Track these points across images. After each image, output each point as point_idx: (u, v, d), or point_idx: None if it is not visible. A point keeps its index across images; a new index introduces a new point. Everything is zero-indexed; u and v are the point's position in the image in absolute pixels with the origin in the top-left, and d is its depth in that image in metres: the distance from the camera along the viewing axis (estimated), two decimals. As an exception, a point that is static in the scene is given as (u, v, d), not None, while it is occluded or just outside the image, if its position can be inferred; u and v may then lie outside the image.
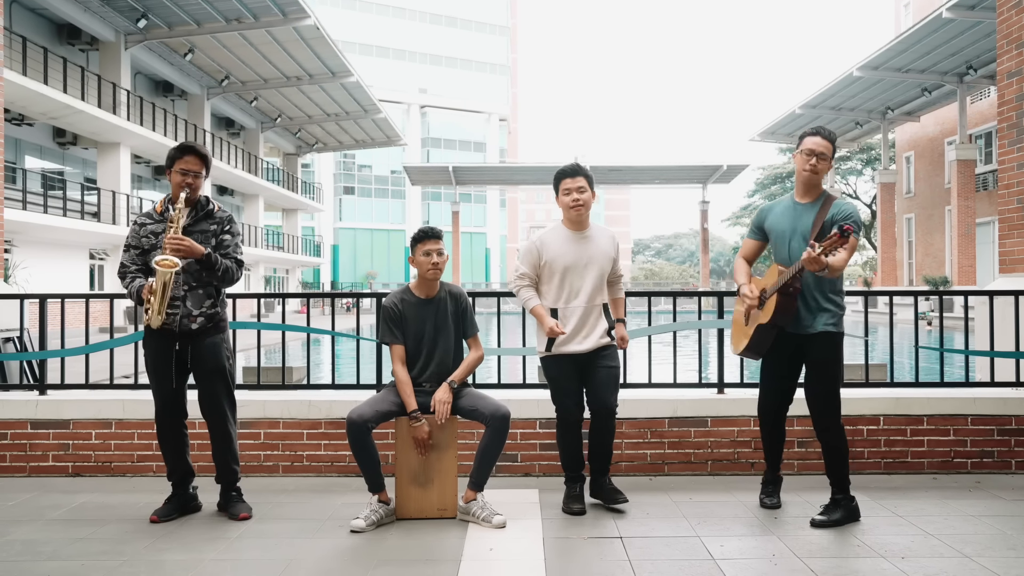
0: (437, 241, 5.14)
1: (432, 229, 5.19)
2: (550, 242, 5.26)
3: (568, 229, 5.31)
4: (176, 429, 5.18)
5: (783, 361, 5.13)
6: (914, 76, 36.36)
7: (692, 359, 6.82)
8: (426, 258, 5.11)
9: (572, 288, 5.20)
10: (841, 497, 4.95)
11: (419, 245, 5.14)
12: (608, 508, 5.21)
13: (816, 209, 4.96)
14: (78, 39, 31.08)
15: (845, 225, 4.41)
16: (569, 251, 5.21)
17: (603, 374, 5.20)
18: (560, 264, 5.19)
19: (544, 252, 5.24)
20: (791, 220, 5.01)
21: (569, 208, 5.25)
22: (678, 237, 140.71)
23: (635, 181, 56.75)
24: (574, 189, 5.24)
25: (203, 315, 5.03)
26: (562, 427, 5.28)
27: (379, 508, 4.93)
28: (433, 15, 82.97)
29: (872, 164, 60.19)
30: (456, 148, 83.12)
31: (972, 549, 4.41)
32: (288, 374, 7.00)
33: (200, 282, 5.03)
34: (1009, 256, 7.63)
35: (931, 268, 43.29)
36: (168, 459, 5.19)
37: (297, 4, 30.61)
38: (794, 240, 4.96)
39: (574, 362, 5.19)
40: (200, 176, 5.05)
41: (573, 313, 5.18)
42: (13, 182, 27.80)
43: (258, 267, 51.61)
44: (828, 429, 4.98)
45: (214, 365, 5.09)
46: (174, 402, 5.14)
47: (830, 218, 4.88)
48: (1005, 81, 7.66)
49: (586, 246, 5.24)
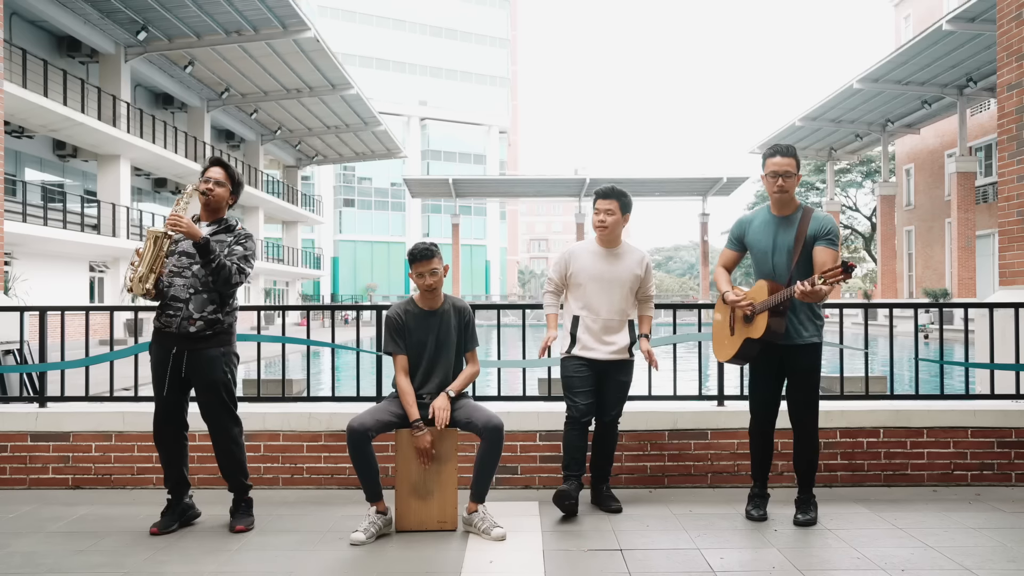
0: (428, 262, 5.12)
1: (423, 250, 5.14)
2: (579, 255, 5.58)
3: (598, 245, 5.58)
4: (172, 437, 5.16)
5: (771, 372, 5.22)
6: (914, 88, 36.39)
7: (692, 371, 6.82)
8: (420, 279, 5.16)
9: (595, 300, 5.47)
10: (811, 495, 5.23)
11: (412, 267, 5.17)
12: (605, 512, 5.39)
13: (796, 223, 5.08)
14: (78, 51, 31.13)
15: (850, 263, 4.54)
16: (594, 266, 5.50)
17: (615, 387, 5.50)
18: (584, 276, 5.49)
19: (572, 263, 5.56)
20: (771, 235, 5.12)
21: (594, 227, 5.56)
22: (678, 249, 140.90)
23: (635, 193, 55.97)
24: (603, 210, 5.50)
25: (203, 319, 5.02)
26: (569, 424, 5.46)
27: (378, 520, 4.92)
28: (433, 27, 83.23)
29: (872, 176, 60.24)
30: (456, 160, 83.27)
31: (972, 561, 4.40)
32: (288, 386, 7.00)
33: (205, 287, 5.04)
34: (1009, 268, 7.63)
35: (931, 280, 43.29)
36: (163, 464, 5.20)
37: (297, 17, 30.67)
38: (776, 256, 5.09)
39: (590, 366, 5.43)
40: (222, 185, 5.17)
41: (594, 323, 5.45)
42: (13, 194, 27.83)
43: (258, 279, 51.61)
44: (809, 434, 5.19)
45: (210, 378, 5.07)
46: (168, 410, 5.13)
47: (812, 234, 5.01)
48: (1005, 93, 7.68)
49: (612, 263, 5.51)
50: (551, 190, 60.16)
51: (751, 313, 5.00)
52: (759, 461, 5.35)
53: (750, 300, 5.03)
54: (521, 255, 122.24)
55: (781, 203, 5.12)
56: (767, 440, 5.33)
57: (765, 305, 4.92)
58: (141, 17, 29.63)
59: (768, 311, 4.92)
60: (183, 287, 5.01)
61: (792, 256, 4.99)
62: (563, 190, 58.29)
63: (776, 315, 4.94)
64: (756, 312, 4.97)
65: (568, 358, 5.50)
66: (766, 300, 4.93)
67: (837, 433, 6.07)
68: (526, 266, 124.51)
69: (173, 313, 5.00)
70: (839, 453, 6.09)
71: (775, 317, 4.93)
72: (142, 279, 4.89)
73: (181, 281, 5.02)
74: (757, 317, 4.98)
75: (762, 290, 5.00)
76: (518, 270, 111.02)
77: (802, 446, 5.21)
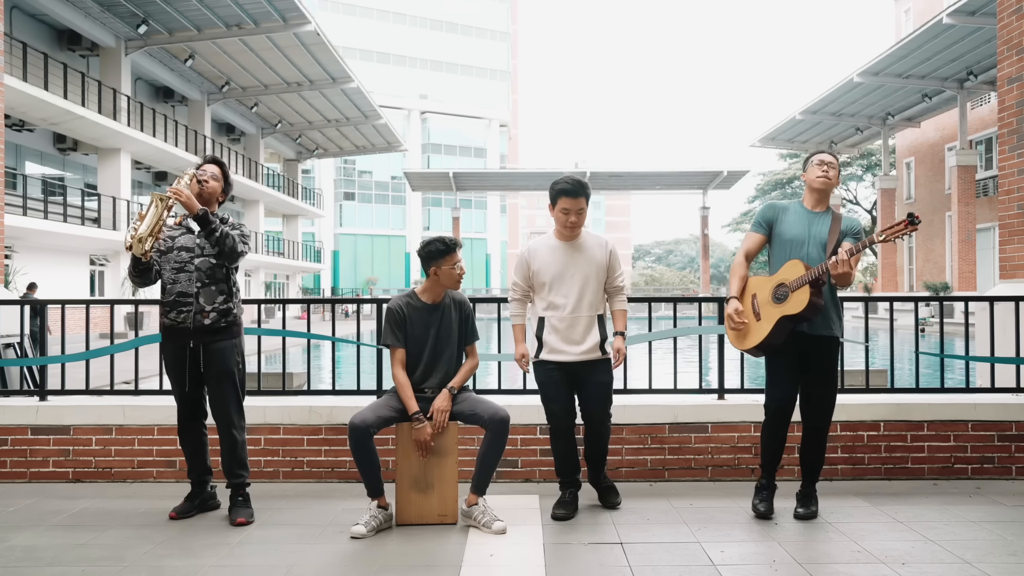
0: (459, 251, 5.18)
1: (456, 240, 5.19)
2: (539, 252, 5.29)
3: (557, 239, 5.31)
4: (196, 431, 5.32)
5: (794, 363, 5.14)
6: (915, 82, 36.39)
7: (692, 365, 6.81)
8: (453, 270, 5.15)
9: (559, 297, 5.19)
10: (813, 489, 5.25)
11: (448, 256, 5.12)
12: (606, 508, 5.37)
13: (828, 219, 5.12)
14: (78, 45, 31.04)
15: (916, 215, 4.62)
16: (556, 261, 5.22)
17: (595, 390, 5.26)
18: (547, 274, 5.21)
19: (533, 262, 5.28)
20: (806, 227, 5.12)
21: (564, 227, 5.22)
22: (678, 243, 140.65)
23: (636, 187, 56.84)
24: (573, 211, 5.16)
25: (215, 311, 5.08)
26: (552, 433, 5.34)
27: (378, 513, 4.93)
28: (434, 21, 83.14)
29: (872, 170, 60.23)
30: (457, 154, 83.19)
31: (973, 555, 4.40)
32: (289, 380, 7.00)
33: (212, 279, 5.09)
34: (1010, 262, 7.62)
35: (931, 274, 43.28)
36: (187, 457, 5.34)
37: (298, 10, 30.65)
38: (811, 246, 5.06)
39: (562, 370, 5.21)
40: (216, 180, 5.24)
41: (561, 322, 5.19)
42: (14, 188, 27.80)
43: (258, 273, 51.62)
44: (823, 429, 5.21)
45: (223, 369, 5.13)
46: (192, 405, 5.26)
47: (844, 230, 5.06)
48: (1006, 87, 7.66)
49: (574, 256, 5.23)
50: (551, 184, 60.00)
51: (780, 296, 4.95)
52: (773, 453, 5.28)
53: (780, 281, 4.97)
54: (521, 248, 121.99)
55: (822, 194, 5.18)
56: (783, 434, 5.26)
57: (803, 280, 4.84)
58: (141, 10, 29.60)
59: (808, 285, 4.84)
60: (189, 282, 5.05)
61: (827, 248, 5.00)
62: (563, 184, 58.13)
63: (815, 290, 4.86)
64: (794, 288, 4.88)
65: (538, 364, 5.27)
66: (804, 275, 4.85)
67: (838, 426, 6.07)
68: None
69: (184, 309, 5.04)
70: (840, 447, 6.09)
71: (815, 290, 4.85)
72: (142, 240, 4.87)
73: (185, 276, 5.06)
74: (795, 293, 4.88)
75: (796, 267, 4.92)
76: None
77: (815, 440, 5.20)
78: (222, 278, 5.14)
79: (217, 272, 5.11)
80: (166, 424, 6.04)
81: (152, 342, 6.25)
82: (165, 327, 5.16)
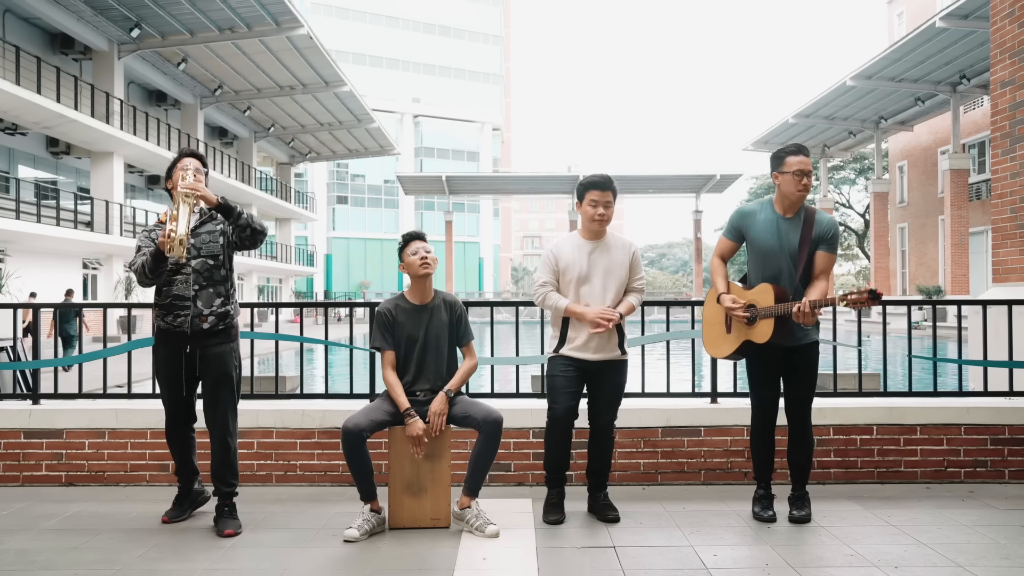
0: (423, 241, 5.24)
1: (416, 231, 5.30)
2: (564, 249, 5.27)
3: (583, 238, 5.29)
4: (185, 435, 5.28)
5: (772, 370, 5.20)
6: (907, 85, 36.48)
7: (685, 368, 6.82)
8: (414, 257, 5.18)
9: (584, 297, 5.17)
10: (805, 492, 5.27)
11: (407, 248, 5.22)
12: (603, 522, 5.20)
13: (800, 224, 5.06)
14: (71, 48, 31.02)
15: (879, 291, 4.57)
16: (582, 260, 5.21)
17: (608, 391, 5.25)
18: (573, 273, 5.19)
19: (560, 259, 5.25)
20: (776, 235, 5.08)
21: (592, 220, 5.21)
22: (671, 246, 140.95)
23: (628, 190, 56.80)
24: (601, 203, 5.17)
25: (214, 314, 5.02)
26: (550, 425, 5.25)
27: (371, 517, 4.92)
28: (426, 24, 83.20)
29: (865, 173, 60.30)
30: (449, 157, 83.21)
31: (965, 559, 4.41)
32: (281, 383, 6.99)
33: (210, 281, 5.03)
34: (1002, 265, 7.64)
35: (924, 278, 43.39)
36: (175, 459, 5.31)
37: (290, 13, 30.64)
38: (782, 258, 5.04)
39: (580, 367, 5.18)
40: (204, 173, 5.13)
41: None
42: (6, 191, 27.78)
43: (251, 276, 51.54)
44: (808, 430, 5.24)
45: (221, 373, 5.07)
46: (184, 411, 5.21)
47: (816, 237, 5.02)
48: (998, 90, 7.69)
49: (600, 256, 5.22)
50: (544, 187, 60.09)
51: (750, 318, 4.98)
52: (764, 461, 5.31)
53: (751, 302, 5.00)
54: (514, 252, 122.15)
55: (797, 204, 5.07)
56: (771, 438, 5.30)
57: (771, 312, 4.87)
58: (134, 14, 29.57)
59: (774, 318, 4.89)
60: (186, 285, 4.97)
61: (798, 261, 4.99)
62: (556, 187, 58.19)
63: (782, 323, 4.90)
64: (760, 317, 4.93)
65: (555, 358, 5.24)
66: (772, 307, 4.87)
67: (830, 430, 6.08)
68: (519, 263, 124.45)
69: (181, 313, 4.97)
70: (832, 450, 6.10)
71: (781, 322, 4.89)
72: (182, 242, 4.73)
73: (182, 279, 4.98)
74: (761, 321, 4.94)
75: (767, 294, 4.93)
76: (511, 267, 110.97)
77: (800, 442, 5.23)
78: (220, 280, 5.07)
79: (215, 274, 5.04)
80: (159, 428, 6.00)
81: (145, 346, 6.23)
82: (161, 331, 5.08)
